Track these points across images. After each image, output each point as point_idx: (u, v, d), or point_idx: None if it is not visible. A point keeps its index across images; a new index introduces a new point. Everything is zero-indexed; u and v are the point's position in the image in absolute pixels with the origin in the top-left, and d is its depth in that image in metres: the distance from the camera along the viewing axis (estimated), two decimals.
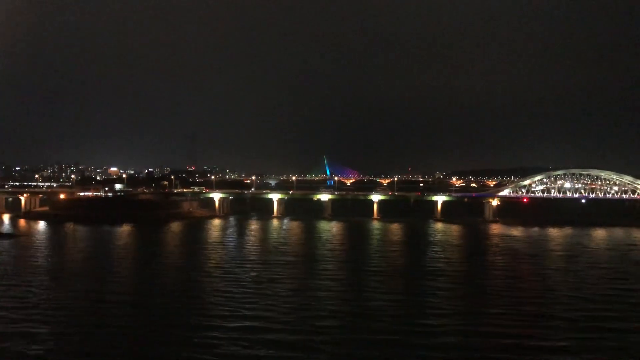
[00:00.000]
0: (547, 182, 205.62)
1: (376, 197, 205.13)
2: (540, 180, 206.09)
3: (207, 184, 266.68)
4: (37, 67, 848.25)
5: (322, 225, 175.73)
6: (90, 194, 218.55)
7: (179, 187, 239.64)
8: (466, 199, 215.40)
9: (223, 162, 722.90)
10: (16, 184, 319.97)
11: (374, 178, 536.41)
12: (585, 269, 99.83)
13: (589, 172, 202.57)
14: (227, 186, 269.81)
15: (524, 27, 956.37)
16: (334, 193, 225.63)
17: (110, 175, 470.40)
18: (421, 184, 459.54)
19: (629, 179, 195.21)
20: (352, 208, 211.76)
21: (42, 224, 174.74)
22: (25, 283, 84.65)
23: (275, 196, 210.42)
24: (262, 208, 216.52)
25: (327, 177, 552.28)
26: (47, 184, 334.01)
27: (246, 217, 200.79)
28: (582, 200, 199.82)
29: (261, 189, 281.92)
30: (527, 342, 57.55)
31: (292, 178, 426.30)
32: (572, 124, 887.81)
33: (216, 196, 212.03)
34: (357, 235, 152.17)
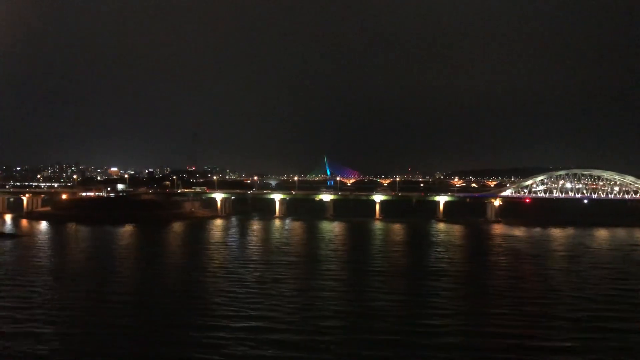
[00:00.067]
0: (549, 183, 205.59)
1: (378, 197, 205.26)
2: (542, 181, 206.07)
3: (208, 184, 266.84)
4: (37, 67, 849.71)
5: (324, 225, 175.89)
6: (92, 194, 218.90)
7: (180, 187, 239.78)
8: (468, 199, 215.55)
9: (223, 162, 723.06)
10: (17, 184, 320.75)
11: (374, 178, 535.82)
12: (587, 269, 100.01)
13: (591, 173, 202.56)
14: (228, 186, 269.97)
15: (524, 27, 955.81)
16: (338, 193, 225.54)
17: (110, 175, 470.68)
18: (421, 184, 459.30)
19: (631, 179, 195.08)
20: (354, 208, 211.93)
21: (44, 224, 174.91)
22: (29, 283, 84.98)
23: (277, 196, 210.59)
24: (264, 208, 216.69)
25: (327, 178, 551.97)
26: (48, 184, 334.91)
27: (248, 217, 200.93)
28: (585, 201, 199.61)
29: (262, 189, 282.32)
30: (530, 342, 57.67)
31: (295, 178, 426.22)
32: (572, 124, 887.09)
33: (218, 196, 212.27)
34: (360, 235, 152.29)
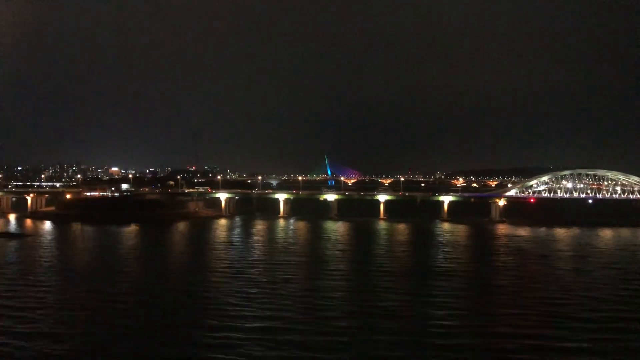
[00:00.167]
0: (554, 182, 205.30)
1: (382, 197, 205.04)
2: (546, 180, 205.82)
3: (210, 184, 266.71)
4: (37, 67, 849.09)
5: (329, 225, 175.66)
6: (96, 194, 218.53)
7: (184, 187, 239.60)
8: (472, 199, 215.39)
9: (223, 162, 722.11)
10: (19, 183, 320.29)
11: (375, 178, 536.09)
12: (597, 270, 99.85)
13: (596, 172, 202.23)
14: (230, 186, 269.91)
15: (524, 27, 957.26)
16: (345, 193, 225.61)
17: (111, 175, 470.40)
18: (422, 184, 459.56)
19: (635, 179, 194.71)
20: (358, 208, 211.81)
21: (49, 224, 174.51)
22: (40, 283, 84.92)
23: (281, 196, 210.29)
24: (268, 208, 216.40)
25: (328, 177, 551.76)
26: (50, 183, 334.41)
27: (252, 217, 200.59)
28: (589, 201, 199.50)
29: (263, 189, 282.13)
30: (548, 343, 57.44)
31: (298, 178, 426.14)
32: (572, 123, 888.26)
33: (222, 196, 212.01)
34: (365, 235, 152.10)
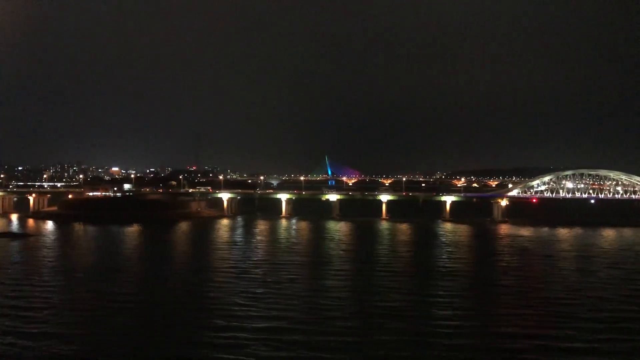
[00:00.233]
0: (555, 183, 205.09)
1: (385, 197, 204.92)
2: (548, 181, 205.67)
3: (211, 184, 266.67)
4: (37, 67, 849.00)
5: (331, 225, 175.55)
6: (99, 194, 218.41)
7: (186, 187, 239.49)
8: (475, 199, 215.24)
9: (223, 162, 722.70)
10: (20, 183, 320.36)
11: (376, 178, 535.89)
12: (602, 270, 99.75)
13: (598, 172, 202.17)
14: (231, 186, 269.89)
15: (524, 27, 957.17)
16: (349, 193, 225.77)
17: (112, 175, 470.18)
18: (423, 184, 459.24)
19: (637, 179, 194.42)
20: (360, 208, 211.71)
21: (52, 224, 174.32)
22: (44, 283, 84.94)
23: (283, 196, 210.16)
24: (270, 208, 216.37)
25: (328, 177, 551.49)
26: (52, 183, 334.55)
27: (254, 217, 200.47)
28: (592, 201, 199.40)
29: (264, 189, 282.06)
30: (555, 343, 57.28)
31: (300, 178, 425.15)
32: (572, 123, 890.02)
33: (225, 196, 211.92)
34: (368, 235, 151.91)
